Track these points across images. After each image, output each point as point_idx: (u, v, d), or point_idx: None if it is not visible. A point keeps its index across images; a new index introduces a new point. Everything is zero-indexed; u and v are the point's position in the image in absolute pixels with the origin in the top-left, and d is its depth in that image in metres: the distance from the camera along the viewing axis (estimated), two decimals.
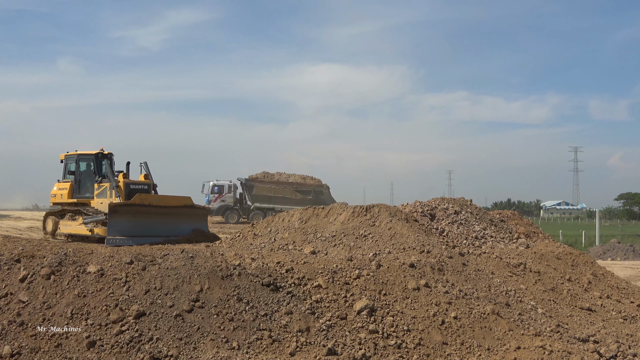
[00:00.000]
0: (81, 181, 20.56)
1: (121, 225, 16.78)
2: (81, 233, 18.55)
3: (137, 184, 19.73)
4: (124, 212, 17.06)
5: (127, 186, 19.26)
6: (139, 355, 7.64)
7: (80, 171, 20.64)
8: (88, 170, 20.64)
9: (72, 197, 20.58)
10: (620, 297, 12.76)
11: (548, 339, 9.14)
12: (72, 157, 21.10)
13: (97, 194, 19.69)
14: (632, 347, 9.83)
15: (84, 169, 20.79)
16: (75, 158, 20.85)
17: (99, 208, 19.19)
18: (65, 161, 21.38)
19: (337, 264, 10.34)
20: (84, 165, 20.83)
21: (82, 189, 20.54)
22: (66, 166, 21.37)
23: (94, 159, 20.48)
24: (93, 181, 20.10)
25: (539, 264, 13.16)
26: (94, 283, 8.85)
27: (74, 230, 19.02)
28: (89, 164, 20.69)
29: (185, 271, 9.17)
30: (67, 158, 21.34)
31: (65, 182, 20.98)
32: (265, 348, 8.04)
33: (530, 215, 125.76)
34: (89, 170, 20.66)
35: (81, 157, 20.82)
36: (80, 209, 19.34)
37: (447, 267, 11.00)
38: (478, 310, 9.54)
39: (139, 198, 17.57)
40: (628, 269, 23.17)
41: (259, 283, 9.24)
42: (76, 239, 18.81)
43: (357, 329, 8.65)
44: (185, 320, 8.29)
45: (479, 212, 16.13)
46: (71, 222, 19.48)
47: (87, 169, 20.72)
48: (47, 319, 8.22)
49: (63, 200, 20.82)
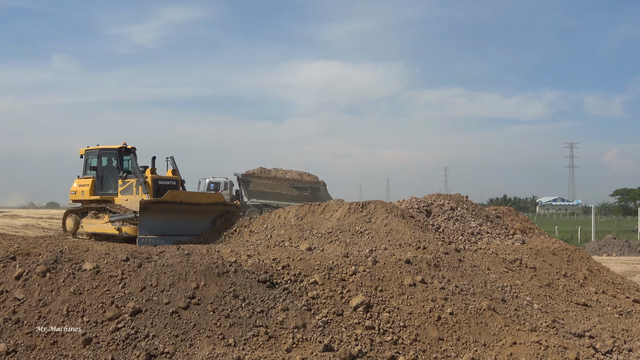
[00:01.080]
0: (103, 177, 19.57)
1: (152, 223, 16.03)
2: (107, 232, 17.66)
3: (165, 180, 18.67)
4: (155, 210, 16.28)
5: (156, 182, 18.29)
6: (135, 352, 7.63)
7: (102, 166, 19.60)
8: (110, 166, 19.65)
9: (95, 194, 19.56)
10: (616, 293, 12.79)
11: (544, 335, 9.16)
12: (94, 152, 20.01)
13: (122, 191, 18.73)
14: (627, 342, 9.85)
15: (105, 164, 19.73)
16: (97, 153, 19.78)
17: (125, 205, 18.33)
18: (86, 156, 20.33)
19: (333, 260, 10.34)
20: (105, 161, 19.77)
21: (104, 185, 19.58)
22: (86, 161, 20.29)
23: (116, 153, 19.39)
24: (116, 177, 19.12)
25: (535, 260, 13.19)
26: (89, 280, 8.84)
27: (99, 229, 18.11)
28: (110, 159, 19.68)
29: (181, 268, 9.16)
30: (88, 153, 20.30)
31: (87, 178, 19.95)
32: (262, 344, 8.04)
33: (526, 211, 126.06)
34: (110, 166, 19.63)
35: (103, 152, 19.75)
36: (105, 206, 18.33)
37: (443, 263, 11.01)
38: (474, 306, 9.56)
39: (171, 195, 16.70)
40: (623, 264, 23.22)
41: (255, 280, 9.24)
42: (100, 238, 17.85)
43: (354, 325, 8.65)
44: (182, 317, 8.29)
45: (474, 209, 16.14)
46: (95, 220, 18.54)
47: (108, 164, 19.68)
48: (43, 316, 8.21)
49: (84, 198, 19.77)
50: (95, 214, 18.76)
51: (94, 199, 19.42)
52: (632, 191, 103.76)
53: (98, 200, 19.27)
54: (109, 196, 19.11)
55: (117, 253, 9.71)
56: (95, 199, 19.38)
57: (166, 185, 18.35)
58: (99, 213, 18.67)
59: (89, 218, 18.88)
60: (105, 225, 17.70)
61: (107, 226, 17.59)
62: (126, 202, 18.32)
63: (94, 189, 19.53)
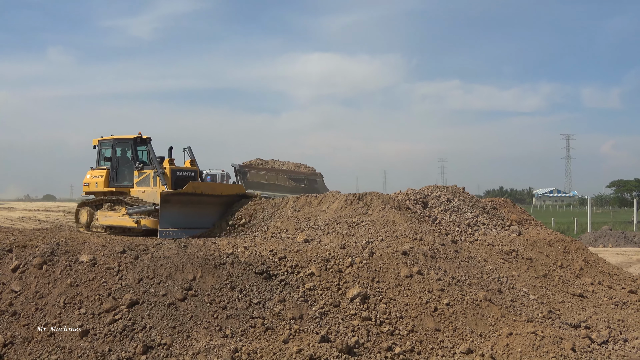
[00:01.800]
0: (118, 168, 18.87)
1: (173, 216, 15.48)
2: (124, 224, 17.09)
3: (184, 171, 18.00)
4: (175, 202, 15.67)
5: (174, 173, 17.59)
6: (132, 344, 7.64)
7: (117, 157, 18.96)
8: (124, 157, 18.99)
9: (109, 185, 18.87)
10: (612, 283, 12.84)
11: (540, 325, 9.19)
12: (108, 142, 19.33)
13: (138, 182, 18.13)
14: (623, 333, 9.89)
15: (119, 155, 19.07)
16: (112, 143, 19.11)
17: (141, 197, 17.79)
18: (99, 147, 19.61)
19: (330, 251, 10.35)
20: (119, 151, 19.10)
21: (119, 176, 18.87)
22: (100, 152, 19.59)
23: (131, 144, 18.68)
24: (131, 168, 18.45)
25: (531, 251, 13.22)
26: (86, 272, 8.84)
27: (116, 221, 17.50)
28: (124, 149, 19.03)
29: (178, 260, 9.16)
30: (102, 143, 19.57)
31: (100, 170, 19.22)
32: (259, 336, 8.05)
33: (523, 203, 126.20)
34: (125, 157, 18.95)
35: (118, 142, 19.09)
36: (121, 198, 17.68)
37: (440, 255, 11.03)
38: (470, 297, 9.58)
39: (192, 186, 16.08)
40: (619, 255, 23.29)
41: (252, 271, 9.24)
42: (116, 231, 17.40)
43: (350, 316, 8.67)
44: (179, 308, 8.29)
45: (471, 200, 16.16)
46: (111, 212, 17.90)
47: (122, 154, 19.03)
48: (40, 308, 8.21)
49: (98, 189, 19.07)
50: (111, 206, 18.18)
51: (108, 191, 18.83)
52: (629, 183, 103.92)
53: (113, 192, 18.70)
54: (124, 188, 18.53)
55: (113, 245, 9.71)
56: (109, 191, 18.80)
57: (185, 176, 17.82)
58: (114, 205, 18.11)
59: (104, 210, 18.31)
60: (123, 218, 17.16)
61: (125, 219, 17.05)
62: (143, 194, 17.87)
63: (109, 180, 18.95)
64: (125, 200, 17.33)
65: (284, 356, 7.65)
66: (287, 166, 49.08)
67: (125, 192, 18.30)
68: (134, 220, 16.56)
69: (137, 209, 16.48)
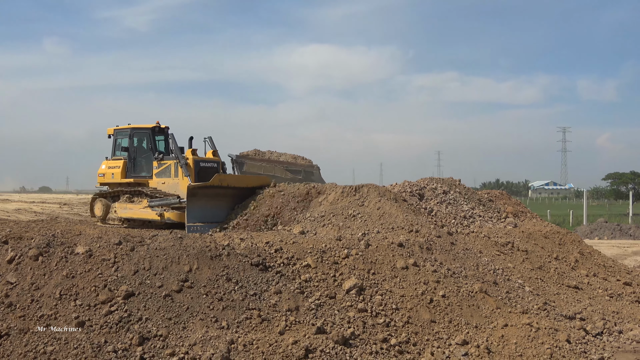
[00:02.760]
0: (136, 158, 18.39)
1: (200, 209, 14.83)
2: (145, 217, 16.61)
3: (206, 162, 17.48)
4: (202, 195, 15.00)
5: (197, 164, 17.06)
6: (128, 335, 7.65)
7: (134, 147, 18.47)
8: (141, 146, 18.54)
9: (127, 176, 18.41)
10: (607, 275, 12.89)
11: (535, 317, 9.23)
12: (124, 131, 18.83)
13: (157, 173, 17.60)
14: (618, 324, 9.94)
15: (136, 145, 18.63)
16: (129, 132, 18.61)
17: (161, 189, 17.24)
18: (115, 136, 19.10)
19: (326, 243, 10.36)
20: (136, 141, 18.67)
21: (137, 167, 18.41)
22: (116, 142, 19.08)
23: (150, 133, 18.26)
24: (149, 158, 18.02)
25: (527, 243, 13.26)
26: (82, 264, 8.83)
27: (137, 214, 17.00)
28: (141, 139, 18.56)
29: (174, 251, 9.16)
30: (118, 133, 19.06)
31: (117, 160, 18.78)
32: (255, 327, 8.07)
33: (519, 195, 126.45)
34: (140, 147, 18.52)
35: (135, 132, 18.59)
36: (141, 190, 17.21)
37: (436, 246, 11.05)
38: (466, 289, 9.61)
39: (218, 179, 15.31)
40: (615, 247, 23.38)
41: (248, 263, 9.25)
42: (136, 224, 16.98)
43: (346, 308, 8.69)
44: (175, 300, 8.30)
45: (467, 192, 16.18)
46: (131, 205, 17.39)
47: (139, 144, 18.57)
48: (36, 300, 8.21)
49: (115, 180, 18.61)
50: (130, 197, 17.72)
51: (126, 182, 18.36)
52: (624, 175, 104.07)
53: (131, 184, 18.20)
54: (142, 179, 18.07)
55: (109, 237, 9.70)
56: (127, 182, 18.32)
57: (208, 167, 17.31)
58: (133, 197, 17.66)
59: (122, 202, 17.77)
60: (144, 211, 16.63)
61: (147, 211, 16.52)
62: (163, 186, 17.34)
63: (126, 171, 18.45)
64: (145, 191, 16.86)
65: (279, 347, 7.66)
66: (285, 157, 48.99)
67: (143, 184, 17.81)
68: (157, 213, 16.07)
69: (161, 202, 15.98)
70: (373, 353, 7.91)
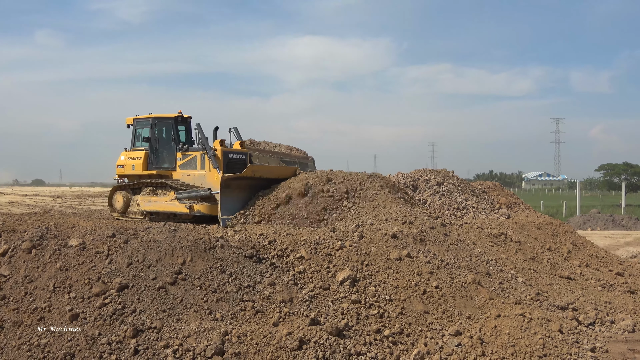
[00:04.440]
0: (158, 149, 17.69)
1: (233, 201, 14.56)
2: (173, 210, 16.12)
3: (235, 153, 16.78)
4: (235, 187, 14.73)
5: (226, 156, 16.33)
6: (122, 327, 7.66)
7: (156, 137, 17.76)
8: (162, 137, 17.84)
9: (149, 168, 17.65)
10: (599, 266, 12.96)
11: (528, 307, 9.27)
12: (145, 121, 18.07)
13: (182, 165, 16.95)
14: (610, 314, 10.00)
15: (157, 135, 17.90)
16: (150, 122, 17.85)
17: (185, 181, 16.67)
18: (135, 126, 18.34)
19: (320, 235, 10.37)
20: (158, 131, 17.94)
21: (159, 158, 17.70)
22: (135, 132, 18.32)
23: (172, 123, 17.55)
24: (172, 149, 17.35)
25: (520, 234, 13.31)
26: (76, 257, 8.82)
27: (162, 207, 16.43)
28: (163, 129, 17.87)
29: (168, 244, 9.15)
30: (138, 122, 18.28)
31: (137, 151, 18.02)
32: (249, 319, 8.08)
33: (512, 186, 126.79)
34: (162, 137, 17.82)
35: (157, 121, 17.84)
36: (166, 182, 16.58)
37: (429, 238, 11.07)
38: (459, 280, 9.64)
39: (251, 170, 15.05)
40: (607, 238, 23.49)
41: (241, 255, 9.26)
42: (160, 217, 16.43)
43: (340, 299, 8.71)
44: (168, 292, 8.31)
45: (460, 184, 16.23)
46: (155, 197, 16.81)
47: (160, 134, 17.86)
48: (29, 292, 8.20)
49: (136, 172, 17.83)
50: (153, 190, 17.06)
51: (147, 174, 17.62)
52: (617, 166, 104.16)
53: (154, 175, 17.51)
54: (165, 170, 17.40)
55: (103, 229, 9.69)
56: (149, 174, 17.59)
57: (236, 159, 16.64)
58: (156, 189, 17.02)
59: (145, 195, 17.15)
60: (171, 203, 16.13)
61: (174, 204, 16.04)
62: (188, 178, 16.73)
63: (148, 162, 17.74)
64: (171, 184, 16.35)
65: (273, 339, 7.68)
66: (280, 148, 48.84)
67: (166, 176, 17.31)
68: (186, 205, 15.66)
69: (190, 194, 15.56)
70: (367, 344, 7.93)
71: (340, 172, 14.67)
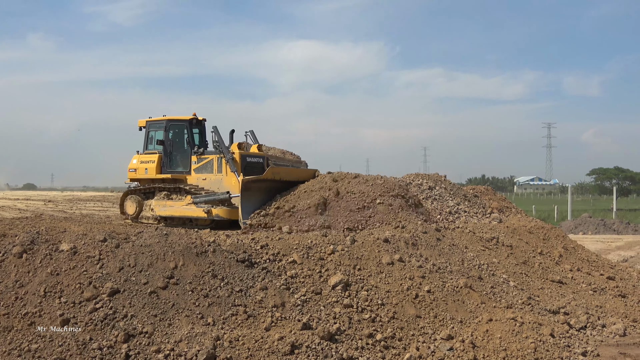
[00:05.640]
0: (172, 152, 17.28)
1: (253, 205, 14.03)
2: (190, 215, 15.72)
3: (253, 157, 16.45)
4: (255, 190, 14.22)
5: (244, 159, 15.95)
6: (113, 332, 7.63)
7: (170, 140, 17.33)
8: (175, 140, 17.48)
9: (163, 171, 17.21)
10: (591, 270, 13.00)
11: (519, 311, 9.29)
12: (159, 123, 17.61)
13: (197, 169, 16.51)
14: (601, 318, 10.03)
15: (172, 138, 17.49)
16: (164, 125, 17.41)
17: (201, 185, 16.31)
18: (148, 129, 17.88)
19: (312, 239, 10.38)
20: (172, 134, 17.53)
21: (173, 161, 17.29)
22: (148, 135, 17.88)
23: (187, 125, 17.22)
24: (186, 152, 17.00)
25: (512, 238, 13.34)
26: (67, 261, 8.79)
27: (179, 211, 16.04)
28: (178, 131, 17.49)
29: (160, 248, 9.13)
30: (151, 125, 17.81)
31: (150, 154, 17.51)
32: (241, 323, 8.07)
33: (504, 190, 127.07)
34: (176, 140, 17.45)
35: (172, 124, 17.42)
36: (181, 186, 16.33)
37: (421, 242, 11.09)
38: (451, 284, 9.66)
39: (271, 172, 14.62)
40: (599, 242, 23.58)
41: (233, 259, 9.25)
42: (175, 222, 16.03)
43: (332, 304, 8.71)
44: (160, 297, 8.28)
45: (452, 188, 16.27)
46: (170, 202, 16.46)
47: (173, 137, 17.47)
48: (20, 297, 8.16)
49: (149, 176, 17.36)
50: (168, 194, 16.72)
51: (162, 178, 17.19)
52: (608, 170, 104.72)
53: (168, 180, 17.11)
54: (179, 174, 16.97)
55: (94, 234, 9.66)
56: (163, 178, 17.17)
57: (254, 162, 16.27)
58: (171, 194, 16.75)
59: (160, 199, 16.76)
60: (188, 208, 15.78)
61: (191, 208, 15.67)
62: (204, 182, 16.32)
63: (162, 166, 17.27)
64: (187, 188, 16.07)
65: (265, 343, 7.67)
66: (273, 152, 48.74)
67: (180, 180, 16.93)
68: (205, 210, 15.28)
69: (208, 197, 15.24)
70: (359, 348, 7.94)
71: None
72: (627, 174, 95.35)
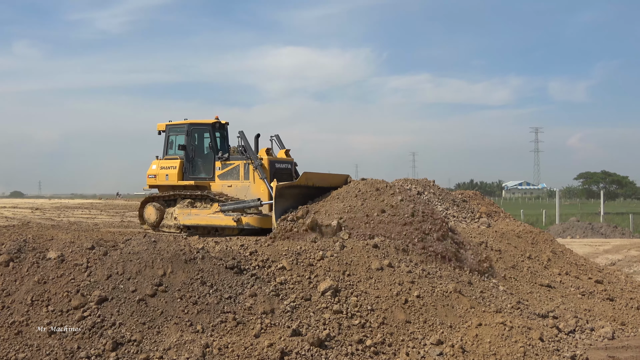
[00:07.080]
0: (195, 158, 16.46)
1: (286, 212, 13.32)
2: (218, 223, 14.93)
3: (281, 162, 15.79)
4: (289, 196, 13.68)
5: (272, 165, 15.26)
6: (101, 340, 7.57)
7: (193, 145, 16.48)
8: (198, 144, 16.68)
9: (185, 178, 16.38)
10: (579, 274, 13.07)
11: (509, 316, 9.31)
12: (180, 127, 16.78)
13: (221, 175, 15.73)
14: (589, 322, 10.08)
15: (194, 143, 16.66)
16: (186, 129, 16.52)
17: (226, 192, 15.54)
18: (168, 133, 17.02)
19: (301, 245, 10.36)
20: (194, 138, 16.70)
21: (195, 167, 16.46)
22: (168, 139, 17.01)
23: (210, 129, 16.30)
24: (209, 158, 16.20)
25: (500, 243, 13.39)
26: (54, 269, 8.72)
27: (205, 220, 15.25)
28: (200, 136, 16.71)
29: (148, 255, 9.08)
30: (171, 129, 16.97)
31: (171, 159, 16.66)
32: (230, 330, 8.03)
33: (492, 195, 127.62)
34: (199, 144, 16.66)
35: (194, 128, 16.55)
36: (205, 194, 15.55)
37: (411, 247, 11.09)
38: (440, 289, 9.66)
39: (305, 178, 14.00)
40: (587, 246, 23.71)
41: (222, 266, 9.21)
42: (200, 231, 15.34)
43: (322, 310, 8.69)
44: (149, 304, 8.23)
45: (441, 193, 16.32)
46: (195, 210, 15.68)
47: (195, 142, 16.65)
48: (7, 306, 8.08)
49: (170, 183, 16.51)
50: (192, 202, 15.91)
51: (184, 185, 16.39)
52: (596, 175, 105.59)
53: (191, 187, 16.29)
54: (202, 181, 16.17)
55: (82, 241, 9.59)
56: (185, 185, 16.38)
57: (283, 168, 15.69)
58: (195, 201, 15.91)
59: (183, 208, 15.94)
60: (215, 216, 15.01)
61: (219, 217, 14.89)
62: (229, 189, 15.57)
63: (184, 172, 16.43)
64: (213, 196, 15.33)
65: (255, 350, 7.64)
66: None
67: (204, 186, 16.16)
68: (235, 218, 14.56)
69: (238, 205, 14.54)
70: (349, 354, 7.92)
71: None
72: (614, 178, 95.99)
